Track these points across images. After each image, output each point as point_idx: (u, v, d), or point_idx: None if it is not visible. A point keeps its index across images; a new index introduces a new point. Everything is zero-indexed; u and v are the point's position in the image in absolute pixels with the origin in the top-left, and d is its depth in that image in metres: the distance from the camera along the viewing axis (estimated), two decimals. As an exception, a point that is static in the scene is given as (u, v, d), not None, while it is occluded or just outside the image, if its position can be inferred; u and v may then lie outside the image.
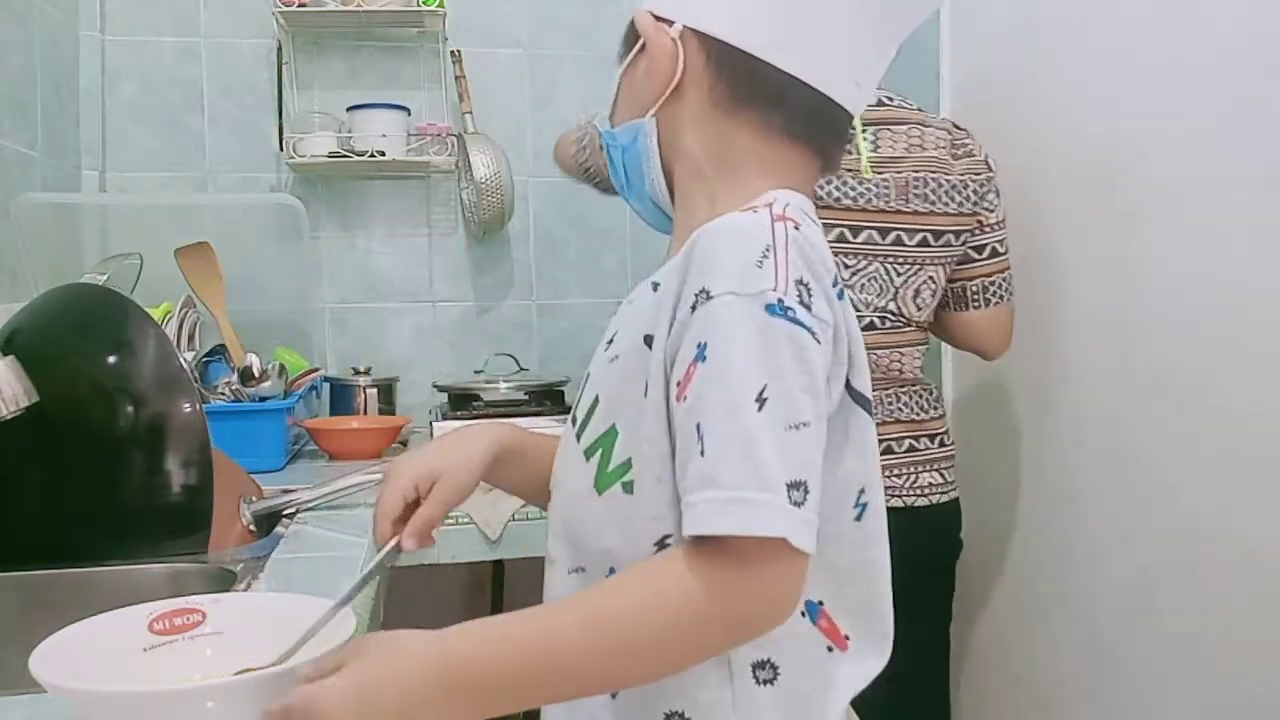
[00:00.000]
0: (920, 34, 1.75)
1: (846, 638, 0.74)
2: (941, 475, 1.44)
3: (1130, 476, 1.33)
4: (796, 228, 0.70)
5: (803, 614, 0.72)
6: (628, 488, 0.72)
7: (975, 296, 1.47)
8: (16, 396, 1.02)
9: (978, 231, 1.44)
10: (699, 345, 0.65)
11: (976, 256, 1.45)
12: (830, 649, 0.74)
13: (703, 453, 0.63)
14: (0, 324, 1.22)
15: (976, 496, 1.70)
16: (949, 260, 1.43)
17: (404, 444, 1.92)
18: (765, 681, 0.71)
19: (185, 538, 1.16)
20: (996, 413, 1.64)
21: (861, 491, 0.74)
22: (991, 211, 1.44)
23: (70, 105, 2.01)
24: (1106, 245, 1.36)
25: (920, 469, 1.43)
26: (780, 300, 0.65)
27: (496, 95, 2.24)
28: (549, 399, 1.93)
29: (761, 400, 0.63)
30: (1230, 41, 1.16)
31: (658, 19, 0.79)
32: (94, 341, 1.19)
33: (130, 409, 1.15)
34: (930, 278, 1.41)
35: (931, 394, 1.49)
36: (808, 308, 0.66)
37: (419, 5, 2.06)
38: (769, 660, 0.71)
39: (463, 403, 1.92)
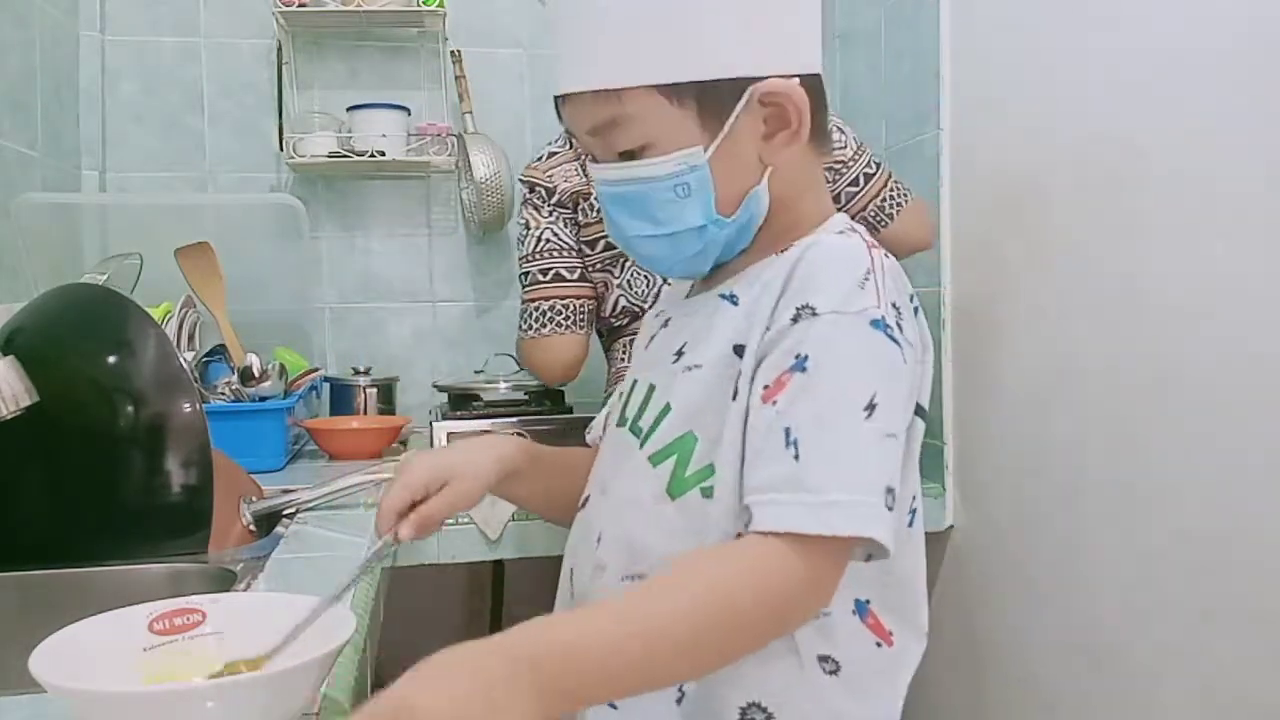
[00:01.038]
0: (920, 34, 1.77)
1: (890, 633, 0.78)
2: None
3: (1130, 476, 1.33)
4: (886, 256, 0.75)
5: (853, 612, 0.77)
6: (707, 492, 0.74)
7: (877, 217, 1.60)
8: (17, 396, 1.02)
9: (843, 170, 1.57)
10: (798, 356, 0.68)
11: (855, 190, 1.59)
12: (879, 644, 0.78)
13: (797, 457, 0.66)
14: (0, 324, 1.22)
15: (976, 495, 1.70)
16: None
17: (404, 444, 1.92)
18: (830, 672, 0.75)
19: (185, 538, 1.16)
20: (996, 412, 1.64)
21: (914, 499, 0.79)
22: (842, 149, 1.57)
23: (70, 105, 2.01)
24: (1107, 245, 1.36)
25: None
26: (882, 317, 0.70)
27: (496, 95, 2.25)
28: (549, 399, 1.93)
29: (871, 407, 0.67)
30: (1230, 41, 1.16)
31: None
32: (94, 341, 1.19)
33: (130, 409, 1.15)
34: None
35: None
36: (900, 328, 0.71)
37: (419, 5, 2.06)
38: (830, 655, 0.75)
39: (463, 403, 1.91)
